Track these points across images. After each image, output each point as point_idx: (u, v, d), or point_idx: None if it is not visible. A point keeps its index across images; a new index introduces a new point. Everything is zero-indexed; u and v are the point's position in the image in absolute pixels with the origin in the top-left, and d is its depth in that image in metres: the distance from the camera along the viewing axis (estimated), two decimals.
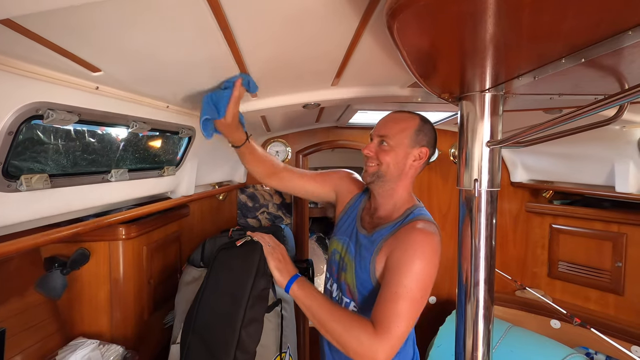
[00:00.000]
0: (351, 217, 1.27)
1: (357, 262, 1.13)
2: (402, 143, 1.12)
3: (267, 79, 1.12)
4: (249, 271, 1.29)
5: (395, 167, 1.13)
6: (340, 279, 1.20)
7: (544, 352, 1.82)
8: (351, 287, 1.14)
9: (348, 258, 1.18)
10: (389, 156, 1.12)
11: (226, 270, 1.35)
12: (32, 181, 0.78)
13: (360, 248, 1.14)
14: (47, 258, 1.36)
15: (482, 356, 0.97)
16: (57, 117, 0.75)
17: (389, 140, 1.12)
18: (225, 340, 1.26)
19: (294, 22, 0.70)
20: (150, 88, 0.98)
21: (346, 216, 1.29)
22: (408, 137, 1.13)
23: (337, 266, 1.23)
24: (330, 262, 1.29)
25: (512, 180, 2.48)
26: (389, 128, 1.14)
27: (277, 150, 2.52)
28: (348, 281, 1.15)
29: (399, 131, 1.13)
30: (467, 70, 0.79)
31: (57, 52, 0.65)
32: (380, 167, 1.13)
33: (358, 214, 1.25)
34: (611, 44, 0.55)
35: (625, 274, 1.93)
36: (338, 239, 1.27)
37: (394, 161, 1.12)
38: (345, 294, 1.17)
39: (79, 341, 1.35)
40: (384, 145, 1.13)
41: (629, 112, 1.43)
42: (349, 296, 1.15)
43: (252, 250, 1.32)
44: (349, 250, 1.19)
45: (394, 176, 1.14)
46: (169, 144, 1.34)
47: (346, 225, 1.27)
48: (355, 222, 1.24)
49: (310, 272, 2.33)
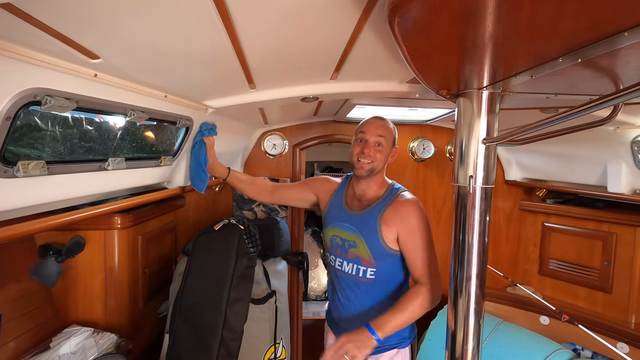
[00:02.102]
0: (337, 207, 1.51)
1: (365, 236, 1.37)
2: (389, 144, 1.43)
3: (266, 70, 1.12)
4: (229, 253, 1.32)
5: (383, 163, 1.42)
6: (352, 254, 1.41)
7: (533, 347, 1.85)
8: (367, 256, 1.38)
9: (353, 236, 1.40)
10: (382, 155, 1.40)
11: (207, 253, 1.37)
12: (29, 167, 0.78)
13: (360, 225, 1.39)
14: (42, 245, 1.36)
15: (472, 350, 0.99)
16: (55, 103, 0.75)
17: (383, 142, 1.40)
18: (211, 321, 1.28)
19: (294, 14, 0.70)
20: (149, 77, 0.97)
21: (332, 208, 1.53)
22: (392, 139, 1.44)
23: (343, 247, 1.44)
24: (332, 247, 1.49)
25: (507, 179, 2.50)
26: (384, 131, 1.41)
27: (274, 143, 2.52)
28: (362, 253, 1.39)
29: (389, 135, 1.42)
30: (466, 67, 0.80)
31: (56, 38, 0.64)
32: (373, 164, 1.39)
33: (343, 202, 1.50)
34: (607, 45, 0.56)
35: (614, 272, 1.97)
36: (333, 226, 1.49)
37: (384, 158, 1.42)
38: (361, 264, 1.39)
39: (73, 329, 1.35)
40: (378, 146, 1.40)
41: (623, 113, 1.45)
42: (366, 264, 1.39)
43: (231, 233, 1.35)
44: (350, 230, 1.42)
45: (380, 170, 1.43)
46: (167, 134, 1.34)
47: (334, 214, 1.50)
48: (343, 209, 1.48)
49: (305, 265, 2.35)
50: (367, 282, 1.39)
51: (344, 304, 1.46)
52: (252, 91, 1.34)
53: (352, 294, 1.43)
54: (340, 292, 1.47)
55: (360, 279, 1.40)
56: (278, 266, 1.99)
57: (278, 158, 2.54)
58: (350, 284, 1.43)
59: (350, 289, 1.43)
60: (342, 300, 1.46)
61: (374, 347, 1.18)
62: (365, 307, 1.41)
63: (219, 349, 1.26)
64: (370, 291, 1.40)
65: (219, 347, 1.26)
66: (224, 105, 1.41)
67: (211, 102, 1.38)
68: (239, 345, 1.33)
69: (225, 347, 1.27)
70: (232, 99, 1.39)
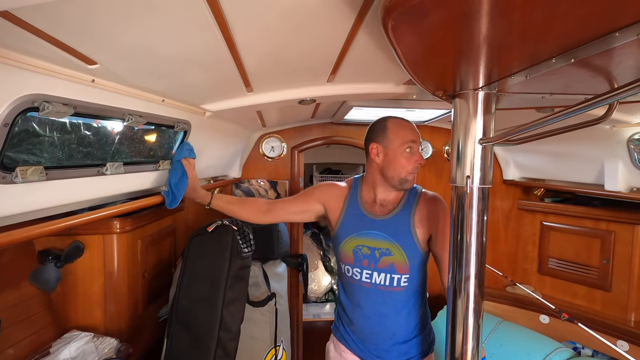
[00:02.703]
0: (357, 214, 1.36)
1: (399, 240, 1.28)
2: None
3: (263, 73, 1.12)
4: (223, 254, 1.32)
5: None
6: (385, 263, 1.30)
7: (533, 346, 1.86)
8: (402, 263, 1.29)
9: (386, 243, 1.30)
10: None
11: (200, 256, 1.37)
12: (28, 173, 0.78)
13: (392, 230, 1.30)
14: (41, 251, 1.36)
15: (471, 350, 1.00)
16: (52, 109, 0.75)
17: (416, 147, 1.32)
18: (208, 322, 1.28)
19: (289, 17, 0.71)
20: (146, 82, 0.98)
21: (349, 215, 1.38)
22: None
23: (372, 257, 1.31)
24: (357, 258, 1.34)
25: (505, 178, 2.51)
26: (418, 137, 1.32)
27: (272, 146, 2.52)
28: (398, 260, 1.29)
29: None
30: (461, 69, 0.80)
31: (53, 45, 0.65)
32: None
33: (362, 209, 1.36)
34: (599, 45, 0.57)
35: (613, 270, 1.97)
36: (356, 235, 1.34)
37: None
38: (395, 272, 1.29)
39: (72, 334, 1.35)
40: (419, 151, 1.32)
41: (619, 112, 1.46)
42: (400, 272, 1.29)
43: (224, 233, 1.36)
44: (380, 237, 1.31)
45: None
46: (165, 138, 1.34)
47: (355, 222, 1.36)
48: (364, 216, 1.35)
49: (304, 267, 2.36)
50: (401, 292, 1.30)
51: (372, 319, 1.32)
52: (250, 94, 1.34)
53: (385, 306, 1.30)
54: (366, 307, 1.32)
55: (394, 289, 1.29)
56: (277, 269, 2.00)
57: (276, 160, 2.55)
58: (383, 296, 1.30)
59: (382, 303, 1.30)
60: (371, 316, 1.32)
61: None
62: (399, 318, 1.31)
63: (216, 350, 1.26)
64: (403, 300, 1.31)
65: (216, 348, 1.26)
66: (221, 109, 1.41)
67: (209, 106, 1.39)
68: (236, 345, 1.34)
69: (222, 348, 1.27)
70: (230, 103, 1.39)
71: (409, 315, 1.32)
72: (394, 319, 1.31)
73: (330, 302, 3.58)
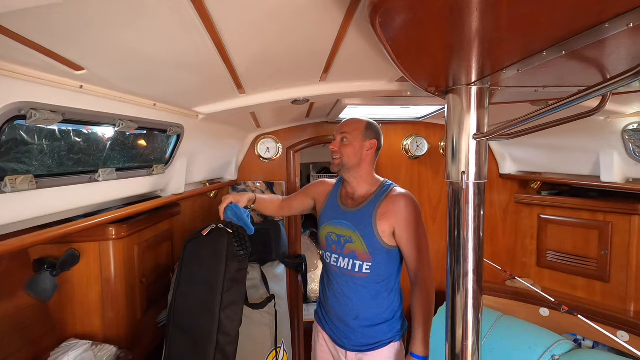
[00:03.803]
0: (332, 205, 1.56)
1: (361, 231, 1.42)
2: (357, 138, 1.46)
3: (254, 74, 1.11)
4: (219, 257, 1.32)
5: (354, 157, 1.45)
6: (348, 250, 1.46)
7: (534, 339, 1.86)
8: (363, 251, 1.43)
9: (349, 232, 1.45)
10: (350, 149, 1.45)
11: (196, 260, 1.37)
12: (17, 182, 0.77)
13: (356, 221, 1.44)
14: (36, 260, 1.34)
15: (472, 345, 0.99)
16: (40, 117, 0.74)
17: (348, 136, 1.46)
18: (206, 326, 1.28)
19: (277, 16, 0.70)
20: (136, 86, 0.97)
21: (327, 207, 1.59)
22: (361, 133, 1.47)
23: (338, 243, 1.49)
24: (328, 244, 1.54)
25: (501, 173, 2.51)
26: (346, 127, 1.48)
27: (267, 147, 2.51)
28: (358, 248, 1.43)
29: (354, 129, 1.47)
30: (452, 64, 0.80)
31: (38, 52, 0.64)
32: (342, 159, 1.46)
33: (337, 201, 1.55)
34: (590, 36, 0.56)
35: (611, 261, 1.98)
36: (329, 224, 1.54)
37: (352, 152, 1.45)
38: (357, 259, 1.44)
39: (71, 342, 1.34)
40: (344, 141, 1.46)
41: (613, 103, 1.46)
42: (362, 259, 1.43)
43: (219, 236, 1.35)
44: (345, 226, 1.47)
45: (355, 164, 1.46)
46: (158, 143, 1.33)
47: (330, 213, 1.55)
48: (338, 207, 1.53)
49: (303, 268, 2.35)
50: (363, 277, 1.43)
51: (339, 300, 1.48)
52: (242, 96, 1.33)
53: (348, 289, 1.46)
54: (335, 288, 1.50)
55: (356, 274, 1.44)
56: (276, 270, 1.99)
57: (272, 161, 2.54)
58: (347, 279, 1.46)
59: (346, 285, 1.47)
60: (338, 296, 1.49)
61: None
62: (362, 301, 1.45)
63: (215, 354, 1.25)
64: (366, 286, 1.44)
65: (215, 352, 1.25)
66: (214, 111, 1.40)
67: (201, 109, 1.38)
68: (235, 349, 1.33)
69: (221, 352, 1.27)
70: (223, 105, 1.38)
71: (373, 301, 1.44)
72: (357, 302, 1.45)
73: None
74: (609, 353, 1.77)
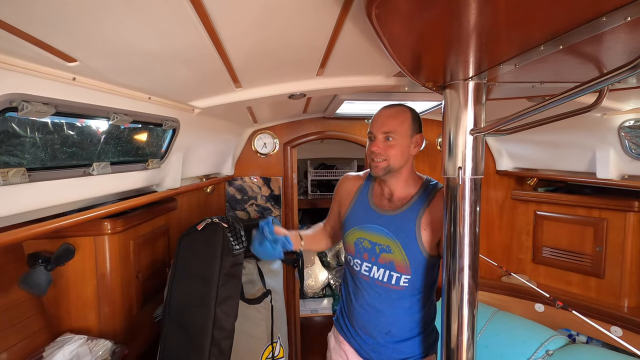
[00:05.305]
0: (363, 206, 1.34)
1: (401, 240, 1.23)
2: (405, 135, 1.23)
3: (250, 68, 1.10)
4: (214, 252, 1.31)
5: (401, 157, 1.24)
6: (385, 260, 1.26)
7: (529, 335, 1.87)
8: (402, 263, 1.23)
9: (387, 240, 1.25)
10: (395, 150, 1.22)
11: (191, 255, 1.36)
12: (9, 175, 0.76)
13: (394, 228, 1.24)
14: (30, 254, 1.33)
15: (467, 340, 1.00)
16: (32, 109, 0.73)
17: (394, 135, 1.22)
18: (201, 321, 1.28)
19: (273, 9, 0.69)
20: (130, 79, 0.96)
21: (356, 207, 1.36)
22: (408, 128, 1.24)
23: (372, 251, 1.29)
24: (357, 251, 1.32)
25: (498, 169, 2.51)
26: (390, 124, 1.23)
27: (264, 142, 2.50)
28: (397, 259, 1.24)
29: (400, 124, 1.23)
30: (449, 58, 0.79)
31: (29, 42, 0.63)
32: (389, 161, 1.22)
33: (369, 202, 1.33)
34: (587, 30, 0.56)
35: (606, 257, 1.99)
36: (359, 228, 1.32)
37: (400, 153, 1.23)
38: (395, 271, 1.25)
39: (66, 337, 1.34)
40: (389, 141, 1.22)
41: (609, 100, 1.46)
42: (400, 271, 1.24)
43: (214, 231, 1.34)
44: (381, 232, 1.26)
45: (401, 165, 1.25)
46: (153, 137, 1.32)
47: (360, 215, 1.34)
48: (370, 209, 1.32)
49: (300, 263, 2.35)
50: (399, 290, 1.26)
51: (369, 312, 1.30)
52: (238, 90, 1.32)
53: (381, 301, 1.28)
54: (365, 299, 1.31)
55: (391, 287, 1.26)
56: (273, 265, 1.99)
57: (269, 157, 2.53)
58: (380, 291, 1.28)
59: (379, 297, 1.28)
60: (367, 308, 1.31)
61: None
62: (395, 316, 1.28)
63: (210, 348, 1.25)
64: (401, 299, 1.26)
65: (211, 347, 1.26)
66: (210, 105, 1.39)
67: (197, 103, 1.37)
68: (230, 343, 1.33)
69: (216, 346, 1.27)
70: (218, 99, 1.37)
71: (408, 314, 1.28)
72: (390, 315, 1.27)
73: (328, 297, 3.58)
74: (602, 348, 1.79)
